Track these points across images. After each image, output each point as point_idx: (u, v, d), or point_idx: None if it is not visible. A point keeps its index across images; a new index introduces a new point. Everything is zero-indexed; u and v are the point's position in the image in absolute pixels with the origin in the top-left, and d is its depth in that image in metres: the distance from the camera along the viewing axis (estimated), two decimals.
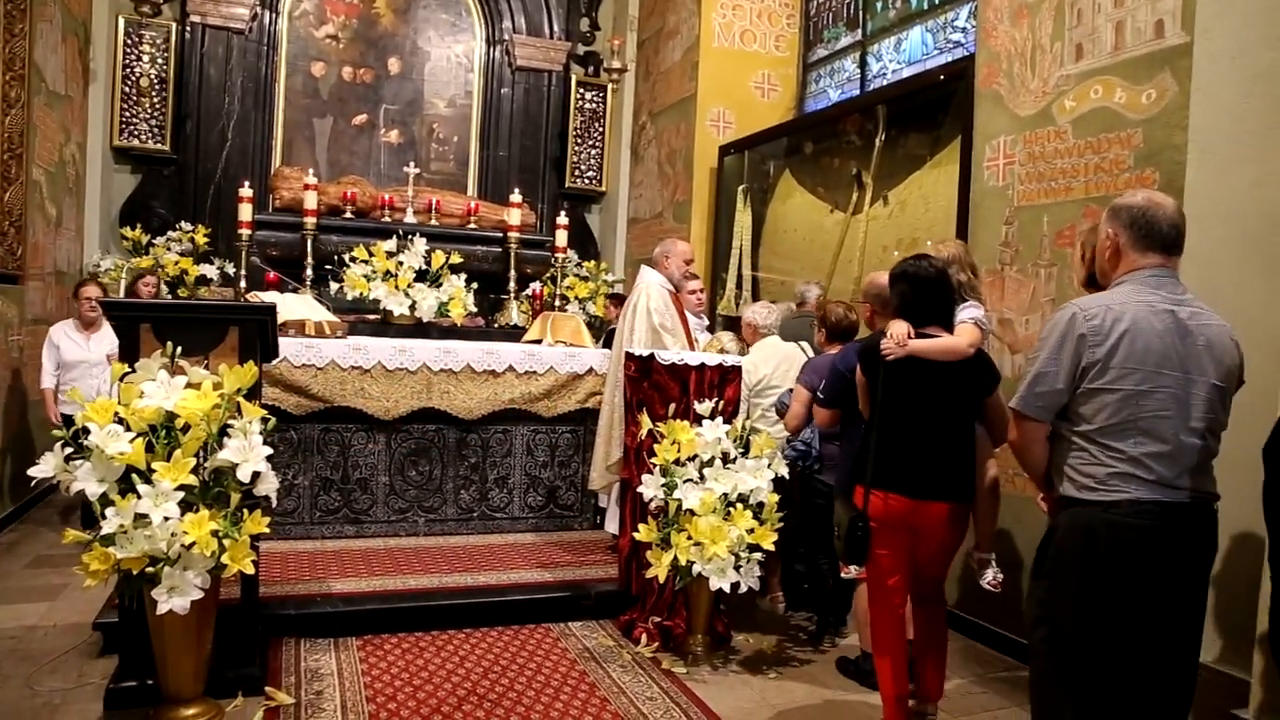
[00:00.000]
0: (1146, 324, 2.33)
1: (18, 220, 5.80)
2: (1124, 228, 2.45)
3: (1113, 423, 2.34)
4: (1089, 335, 2.35)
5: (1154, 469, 2.31)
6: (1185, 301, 2.39)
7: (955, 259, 3.58)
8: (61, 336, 5.69)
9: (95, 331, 5.79)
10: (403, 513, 5.32)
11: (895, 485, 3.17)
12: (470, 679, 3.71)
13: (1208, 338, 2.36)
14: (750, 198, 7.50)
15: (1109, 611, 2.34)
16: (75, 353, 5.69)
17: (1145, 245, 2.43)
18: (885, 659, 3.29)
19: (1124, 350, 2.32)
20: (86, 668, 3.71)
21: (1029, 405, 2.46)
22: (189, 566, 2.94)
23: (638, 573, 4.26)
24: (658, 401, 4.24)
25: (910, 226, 5.70)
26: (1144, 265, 2.42)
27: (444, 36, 8.90)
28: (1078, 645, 2.38)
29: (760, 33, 7.87)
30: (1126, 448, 2.33)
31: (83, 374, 5.62)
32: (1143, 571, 2.31)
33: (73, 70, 7.04)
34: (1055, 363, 2.40)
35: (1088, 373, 2.37)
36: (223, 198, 7.71)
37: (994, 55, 4.67)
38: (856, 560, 3.25)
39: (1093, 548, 2.34)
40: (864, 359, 3.36)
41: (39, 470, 3.01)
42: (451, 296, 5.94)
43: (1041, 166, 4.34)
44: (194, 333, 3.38)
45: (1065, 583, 2.40)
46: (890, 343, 3.18)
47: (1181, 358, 2.33)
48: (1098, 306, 2.38)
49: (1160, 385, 2.32)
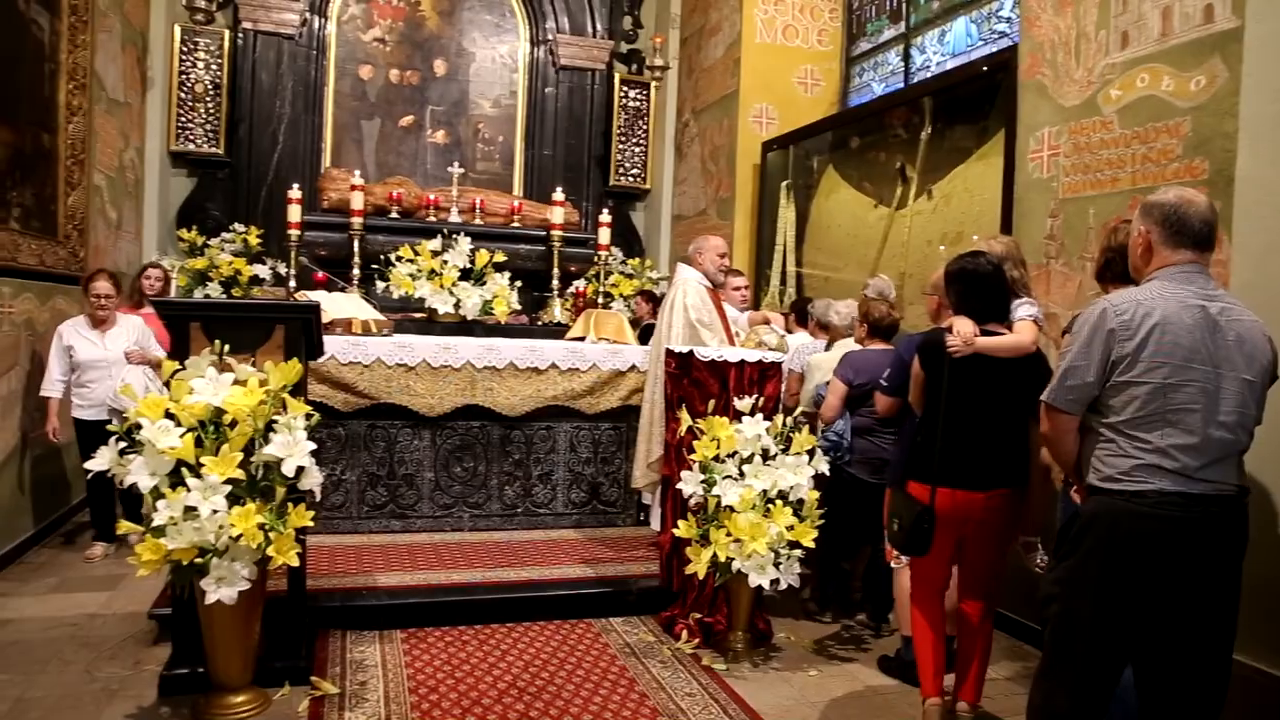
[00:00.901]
0: (1176, 319, 2.36)
1: (80, 224, 5.99)
2: (1156, 225, 2.49)
3: (1141, 415, 2.38)
4: (1119, 330, 2.39)
5: (1179, 460, 2.34)
6: (1217, 297, 2.42)
7: (1008, 255, 3.56)
8: (74, 335, 5.18)
9: (109, 328, 5.29)
10: (448, 508, 5.40)
11: (958, 481, 3.20)
12: (511, 672, 3.76)
13: (1238, 333, 2.38)
14: (794, 193, 7.46)
15: (1128, 600, 2.38)
16: (91, 351, 5.19)
17: (1177, 242, 2.46)
18: (925, 640, 3.38)
19: (1153, 344, 2.36)
20: (143, 655, 3.84)
21: (1060, 398, 2.52)
22: (236, 558, 3.03)
23: (679, 569, 4.28)
24: (697, 398, 4.24)
25: (955, 221, 5.63)
26: (1176, 261, 2.46)
27: (488, 37, 8.99)
28: (1089, 625, 2.43)
29: (802, 27, 7.83)
30: (1153, 439, 2.36)
31: (101, 374, 5.17)
32: (1165, 562, 2.35)
33: (131, 78, 7.25)
34: (1086, 356, 2.45)
35: (1117, 366, 2.40)
36: (274, 199, 7.86)
37: (1037, 45, 4.60)
38: (918, 552, 3.27)
39: (1115, 536, 2.38)
40: (925, 354, 3.37)
41: (95, 464, 3.12)
42: (495, 294, 6.00)
43: (1087, 158, 4.27)
44: (241, 331, 3.46)
45: (1086, 568, 2.45)
46: (957, 341, 3.21)
47: (1211, 352, 2.35)
48: (1128, 302, 2.42)
49: (1189, 379, 2.34)
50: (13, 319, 5.03)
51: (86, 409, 5.17)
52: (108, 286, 5.21)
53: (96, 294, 5.18)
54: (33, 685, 3.52)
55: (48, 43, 5.50)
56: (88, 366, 5.15)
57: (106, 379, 5.15)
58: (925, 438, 3.31)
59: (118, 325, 5.30)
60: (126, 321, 5.36)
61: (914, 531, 3.21)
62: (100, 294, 5.18)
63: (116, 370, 5.16)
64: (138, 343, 5.29)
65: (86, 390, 5.17)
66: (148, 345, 5.34)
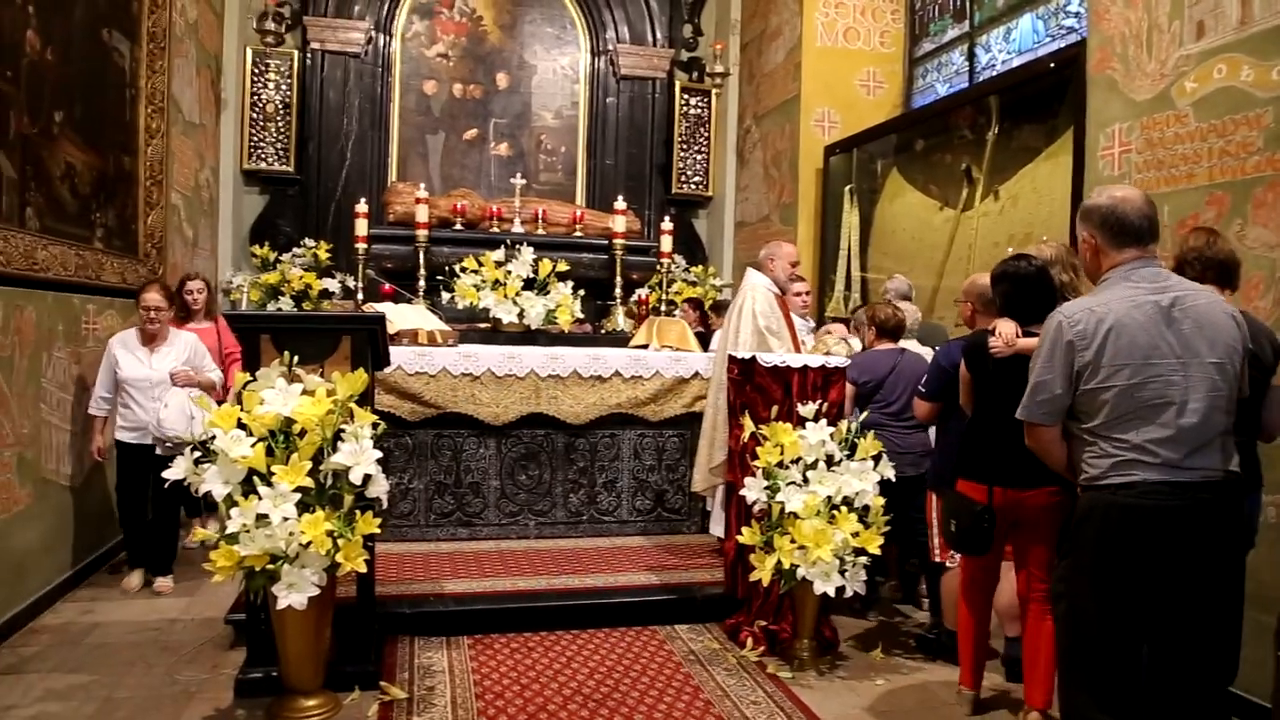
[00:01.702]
0: (1129, 319, 2.45)
1: (159, 242, 6.20)
2: (1096, 228, 2.59)
3: (1114, 417, 2.48)
4: (1076, 341, 2.50)
5: (1159, 453, 2.42)
6: (1168, 288, 2.49)
7: (1057, 259, 3.58)
8: (120, 349, 4.83)
9: (160, 345, 4.89)
10: (513, 516, 5.44)
11: (1004, 479, 3.25)
12: (577, 679, 3.77)
13: (1194, 319, 2.45)
14: (857, 197, 7.38)
15: (1124, 589, 2.47)
16: (135, 369, 4.81)
17: (1120, 242, 2.55)
18: (969, 634, 3.53)
19: (1110, 348, 2.46)
20: (220, 659, 3.95)
21: (1033, 413, 2.64)
22: (306, 564, 3.09)
23: (743, 576, 4.25)
24: (760, 404, 4.22)
25: (1023, 222, 5.51)
26: (1123, 260, 2.55)
27: (549, 50, 9.08)
28: (1095, 620, 2.52)
29: (864, 29, 7.74)
30: (1130, 437, 2.45)
31: (143, 395, 4.78)
32: (1158, 548, 2.43)
33: (206, 100, 7.49)
34: (1050, 370, 2.56)
35: (1082, 375, 2.51)
36: (343, 214, 8.04)
37: (1107, 39, 4.48)
38: (979, 551, 3.32)
39: (1107, 529, 2.48)
40: (970, 356, 3.46)
41: (172, 473, 3.22)
42: (559, 304, 6.06)
43: (1160, 153, 4.14)
44: (310, 342, 3.55)
45: (1083, 562, 2.54)
46: (999, 342, 3.28)
47: (1171, 345, 2.44)
48: (1081, 311, 2.53)
49: (1152, 375, 2.44)
50: (97, 335, 5.22)
51: (128, 431, 4.85)
52: (159, 298, 4.83)
53: (146, 306, 4.80)
54: (119, 686, 3.64)
55: (128, 69, 5.72)
56: (130, 386, 4.79)
57: (150, 401, 4.77)
58: (973, 438, 3.41)
59: (168, 343, 4.93)
60: (179, 339, 5.00)
61: (974, 531, 3.25)
62: (150, 306, 4.79)
63: (160, 392, 4.79)
64: (188, 362, 4.95)
65: (129, 411, 4.83)
66: (200, 364, 5.02)
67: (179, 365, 4.88)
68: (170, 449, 4.58)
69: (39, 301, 4.46)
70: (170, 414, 4.72)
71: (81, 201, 5.04)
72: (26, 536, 4.35)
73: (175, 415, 4.72)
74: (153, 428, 4.75)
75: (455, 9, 8.84)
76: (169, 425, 4.70)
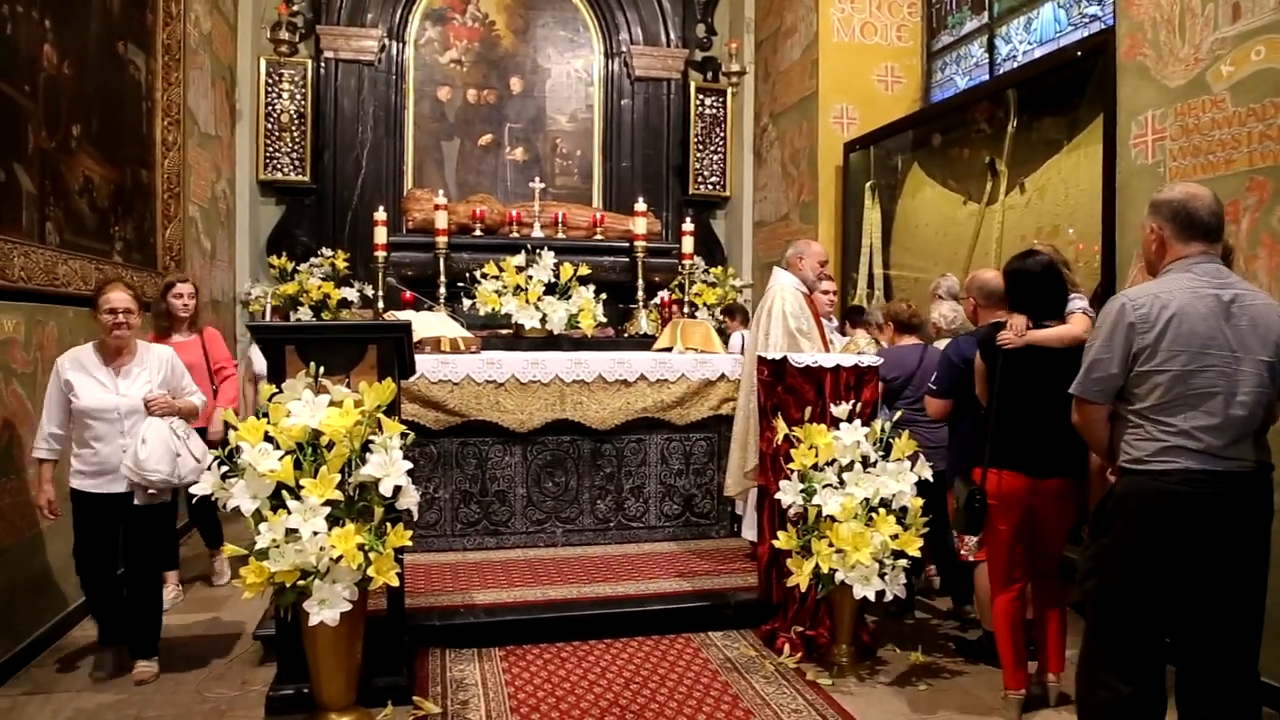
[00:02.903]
0: (1191, 309, 2.54)
1: (177, 254, 6.17)
2: (1166, 221, 2.67)
3: (1164, 401, 2.56)
4: (1138, 323, 2.58)
5: (1203, 440, 2.51)
6: (1229, 285, 2.59)
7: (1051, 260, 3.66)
8: (75, 372, 3.70)
9: (127, 363, 3.80)
10: (540, 524, 5.38)
11: (1014, 463, 3.39)
12: (612, 690, 3.70)
13: (1251, 317, 2.55)
14: (878, 194, 7.29)
15: (1160, 572, 2.56)
16: (98, 396, 3.69)
17: (1188, 236, 2.64)
18: (1005, 631, 3.52)
19: (1171, 334, 2.54)
20: (249, 675, 3.89)
21: (1087, 390, 2.72)
22: (337, 579, 3.03)
23: (778, 581, 4.17)
24: (793, 405, 4.14)
25: (1050, 214, 5.41)
26: (1188, 254, 2.64)
27: (563, 53, 9.03)
28: (1124, 597, 2.61)
29: (881, 24, 7.66)
30: (1177, 422, 2.54)
31: (110, 428, 3.70)
32: (1193, 535, 2.52)
33: (221, 111, 7.47)
34: (1108, 350, 2.64)
35: (1139, 357, 2.59)
36: (359, 223, 8.02)
37: (1137, 25, 4.38)
38: (973, 530, 3.49)
39: (1146, 512, 2.56)
40: (984, 348, 3.58)
41: (199, 489, 3.16)
42: (581, 308, 5.98)
43: (1196, 139, 4.04)
44: (335, 352, 3.49)
45: (1120, 543, 2.62)
46: (1009, 334, 3.43)
47: (1227, 338, 2.53)
48: (1145, 296, 2.61)
49: (1207, 364, 2.52)
50: None
51: (89, 477, 3.72)
52: (126, 298, 3.73)
53: (112, 308, 3.68)
54: (148, 704, 3.60)
55: (144, 81, 5.70)
56: (93, 418, 3.69)
57: (117, 436, 3.70)
58: (983, 426, 3.53)
59: (137, 361, 3.83)
60: (149, 356, 3.89)
61: (967, 510, 3.41)
62: (118, 308, 3.69)
63: (132, 425, 3.72)
64: (165, 384, 3.86)
65: (89, 452, 3.70)
66: (179, 387, 3.95)
67: (154, 389, 3.81)
68: (153, 496, 3.79)
69: (59, 316, 4.42)
70: (152, 452, 3.67)
71: (100, 215, 5.01)
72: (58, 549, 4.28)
73: (158, 453, 3.69)
74: (128, 471, 3.66)
75: (468, 14, 8.81)
76: (152, 467, 3.66)
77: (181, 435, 3.83)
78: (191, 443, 3.88)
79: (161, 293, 4.97)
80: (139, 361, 3.85)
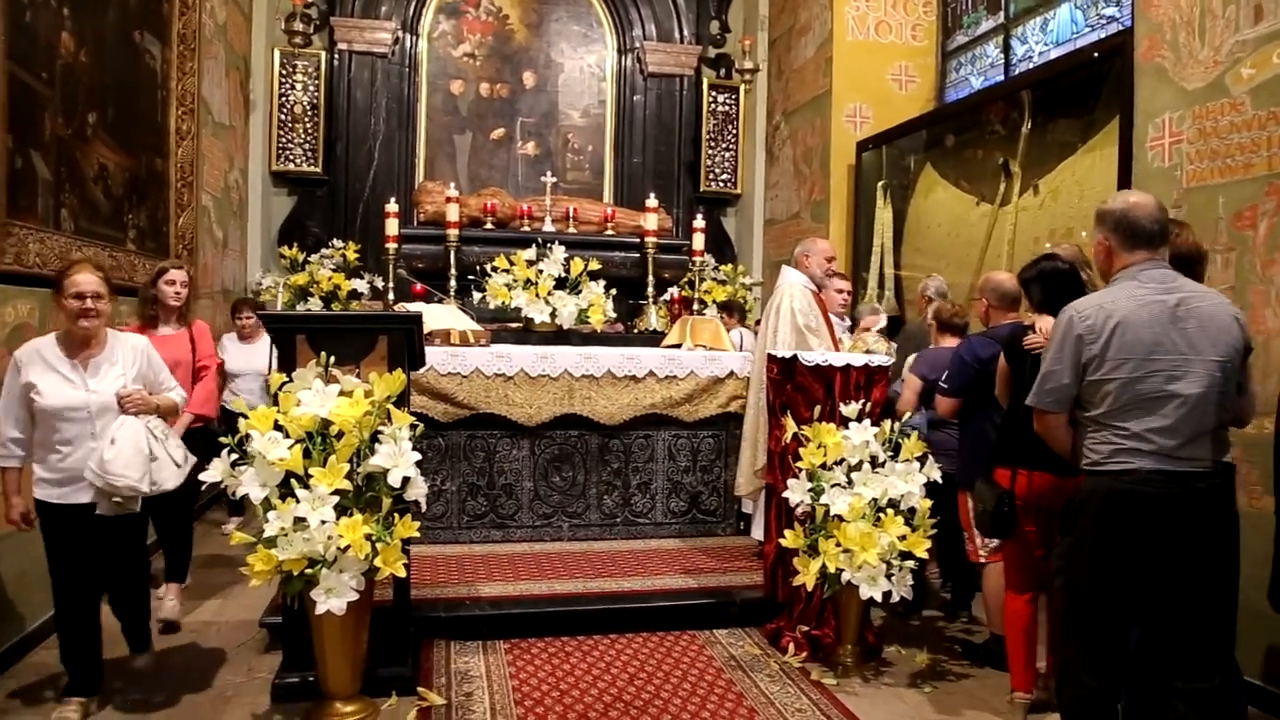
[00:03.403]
0: (1136, 316, 2.63)
1: (190, 243, 6.19)
2: (1111, 231, 2.76)
3: (1116, 406, 2.65)
4: (1085, 335, 2.68)
5: (1155, 442, 2.60)
6: (1175, 289, 2.67)
7: (1075, 259, 3.70)
8: (35, 365, 3.26)
9: (95, 355, 3.36)
10: (547, 518, 5.38)
11: (1042, 464, 3.34)
12: (616, 685, 3.70)
13: (1199, 320, 2.63)
14: (890, 194, 7.27)
15: (1117, 568, 2.66)
16: (63, 393, 3.26)
17: (1132, 244, 2.73)
18: (1018, 632, 3.53)
19: (1116, 343, 2.63)
20: (255, 662, 3.91)
21: (1042, 400, 2.82)
22: (344, 569, 3.04)
23: (784, 580, 4.16)
24: (802, 404, 4.13)
25: (1064, 216, 5.38)
26: (1134, 262, 2.73)
27: (576, 48, 9.02)
28: (1087, 593, 2.73)
29: (895, 23, 7.63)
30: (1130, 425, 2.63)
31: (79, 429, 3.27)
32: (1151, 532, 2.60)
33: (235, 102, 7.49)
34: (1059, 361, 2.75)
35: (1088, 366, 2.69)
36: (371, 215, 8.03)
37: (1155, 26, 4.36)
38: (1003, 534, 3.46)
39: (1106, 512, 2.66)
40: (1010, 350, 3.56)
41: (209, 475, 3.17)
42: (591, 303, 5.98)
43: (1214, 143, 4.01)
44: (346, 343, 3.49)
45: (1082, 541, 2.73)
46: (1036, 337, 3.40)
47: (1175, 341, 2.61)
48: (1092, 307, 2.71)
49: (1154, 369, 2.61)
50: None
51: (53, 485, 3.29)
52: (95, 281, 3.30)
53: (80, 292, 3.26)
54: (155, 690, 3.61)
55: (159, 71, 5.71)
56: (60, 419, 3.25)
57: (88, 439, 3.26)
58: (1008, 427, 3.51)
59: (106, 352, 3.38)
60: (121, 346, 3.45)
61: (996, 514, 3.40)
62: (86, 292, 3.26)
63: (105, 425, 3.27)
64: (140, 378, 3.43)
65: (55, 457, 3.28)
66: (156, 382, 3.53)
67: (128, 383, 3.37)
68: (119, 505, 3.29)
69: None
70: (120, 454, 3.21)
71: (114, 203, 5.03)
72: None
73: (127, 455, 3.22)
74: (91, 475, 3.21)
75: (481, 8, 8.81)
76: (118, 471, 3.19)
77: (159, 436, 3.39)
78: (170, 445, 3.45)
79: (152, 278, 4.44)
80: (109, 354, 3.39)
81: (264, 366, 5.23)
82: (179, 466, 3.46)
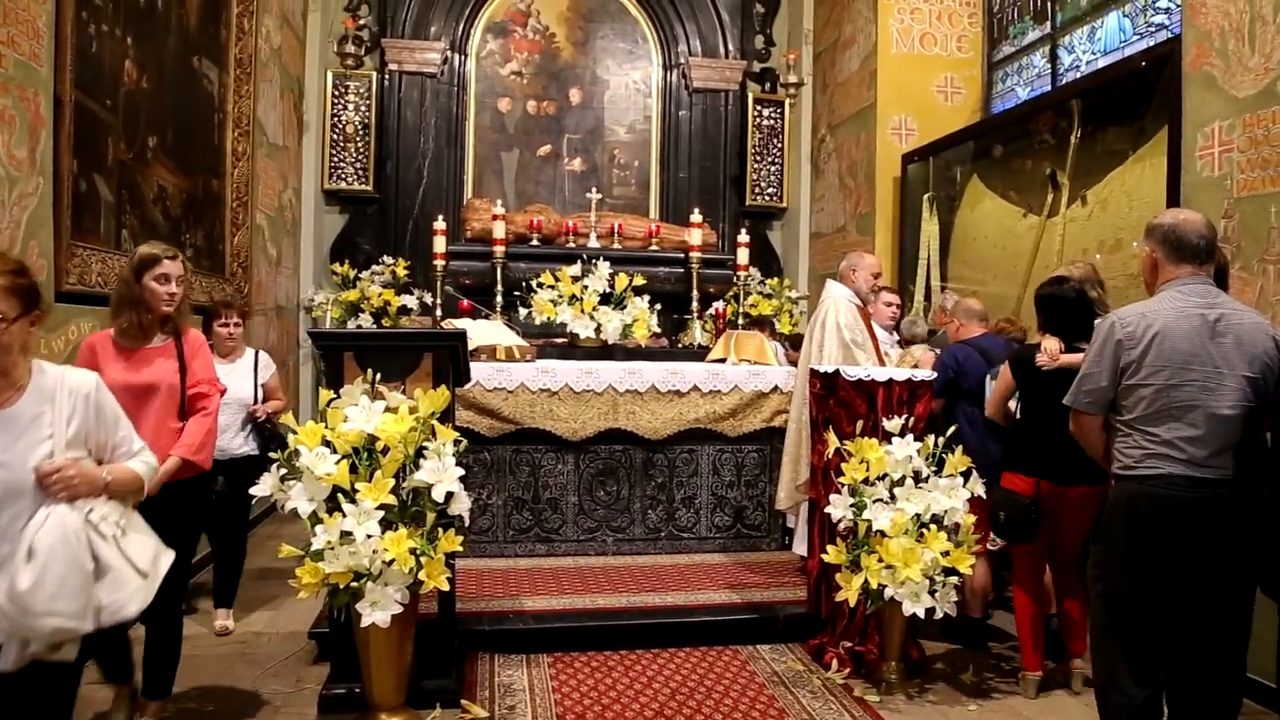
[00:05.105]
0: (1175, 327, 2.71)
1: (245, 261, 6.36)
2: (1158, 244, 2.84)
3: (1149, 412, 2.72)
4: (1125, 340, 2.76)
5: (1185, 450, 2.66)
6: (1217, 305, 2.74)
7: (1087, 278, 3.91)
8: None
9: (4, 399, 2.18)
10: (591, 532, 5.42)
11: (1045, 473, 3.72)
12: (658, 700, 3.71)
13: (1236, 336, 2.69)
14: (936, 206, 7.21)
15: (1150, 570, 2.70)
16: None
17: (1178, 258, 2.80)
18: (1026, 616, 3.90)
19: (1154, 351, 2.71)
20: (303, 673, 3.99)
21: (1078, 401, 2.91)
22: (389, 582, 3.10)
23: (827, 595, 4.15)
24: (844, 419, 4.12)
25: (1113, 227, 5.30)
26: (1178, 275, 2.80)
27: (622, 65, 9.10)
28: (1126, 599, 2.76)
29: (941, 35, 7.59)
30: (1161, 432, 2.70)
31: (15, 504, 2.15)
32: (1179, 535, 2.65)
33: (289, 123, 7.68)
34: (1098, 365, 2.83)
35: (1126, 371, 2.77)
36: (420, 231, 8.16)
37: (1204, 34, 4.29)
38: (1027, 539, 3.76)
39: (1135, 515, 2.72)
40: (1018, 368, 3.87)
41: (259, 490, 3.26)
42: (635, 318, 6.02)
43: (1266, 151, 3.93)
44: (392, 359, 3.57)
45: (1114, 545, 2.78)
46: (1044, 357, 3.70)
47: (1210, 354, 2.68)
48: (1133, 315, 2.79)
49: (1189, 379, 2.68)
50: None
51: None
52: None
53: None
54: (206, 700, 3.70)
55: (216, 94, 5.89)
56: None
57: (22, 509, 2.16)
58: (1023, 438, 3.87)
59: (27, 398, 2.21)
60: (54, 390, 2.26)
61: (1023, 522, 3.69)
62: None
63: (13, 519, 2.13)
64: (80, 438, 2.29)
65: None
66: (106, 444, 2.38)
67: (56, 451, 2.22)
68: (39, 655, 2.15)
69: None
70: (43, 574, 2.09)
71: (172, 223, 5.19)
72: None
73: (55, 575, 2.11)
74: None
75: (529, 27, 8.93)
76: (40, 606, 2.08)
77: (108, 533, 2.25)
78: (128, 544, 2.30)
79: (135, 269, 3.17)
80: (31, 400, 2.20)
81: (247, 395, 4.42)
82: (143, 577, 2.30)
